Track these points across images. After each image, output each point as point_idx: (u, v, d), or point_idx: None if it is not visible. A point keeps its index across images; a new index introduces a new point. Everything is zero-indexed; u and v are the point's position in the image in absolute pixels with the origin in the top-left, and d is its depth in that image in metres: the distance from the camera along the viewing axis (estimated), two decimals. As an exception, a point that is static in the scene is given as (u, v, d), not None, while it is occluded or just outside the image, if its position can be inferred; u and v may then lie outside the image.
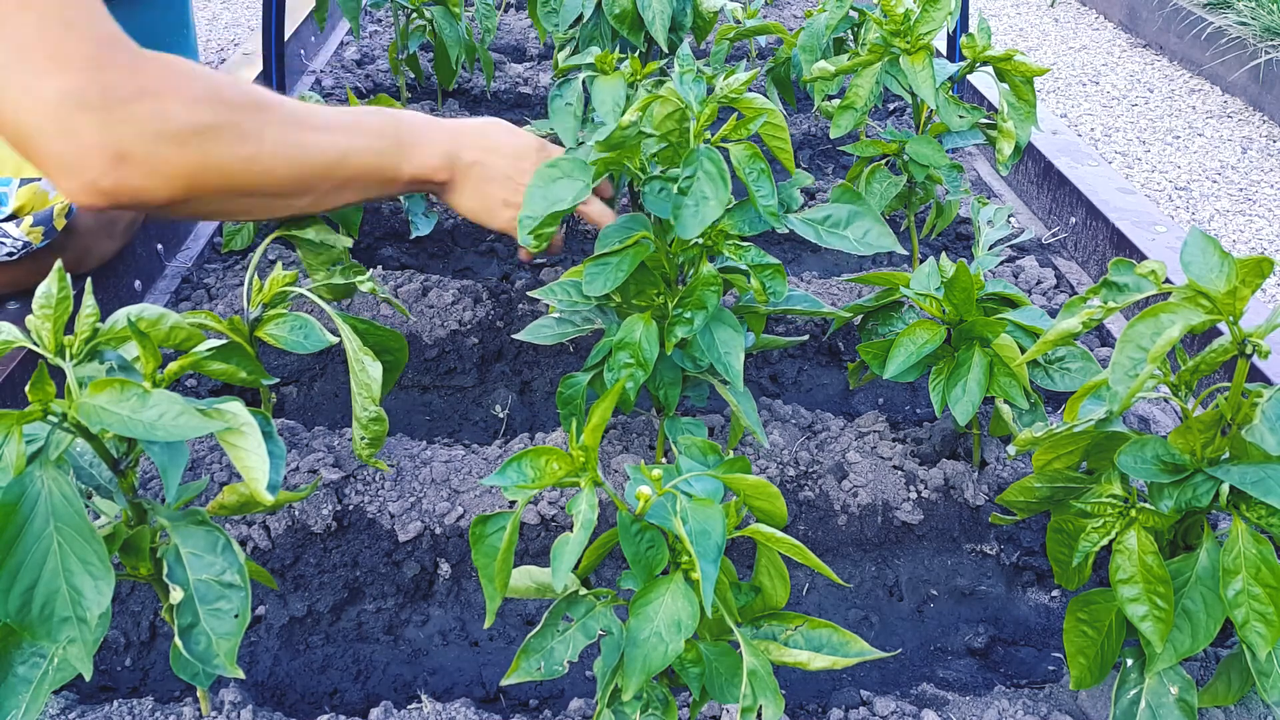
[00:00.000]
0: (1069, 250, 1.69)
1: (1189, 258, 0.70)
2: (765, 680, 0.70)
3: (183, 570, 0.69)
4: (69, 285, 0.69)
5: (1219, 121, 3.14)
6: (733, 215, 0.95)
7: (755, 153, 0.91)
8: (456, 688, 0.99)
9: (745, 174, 0.92)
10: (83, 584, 0.63)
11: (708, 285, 0.93)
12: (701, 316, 0.93)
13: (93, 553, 0.64)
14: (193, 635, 0.68)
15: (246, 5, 3.83)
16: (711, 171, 0.88)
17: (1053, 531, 0.85)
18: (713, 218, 0.87)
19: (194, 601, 0.69)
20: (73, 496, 0.64)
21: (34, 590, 0.62)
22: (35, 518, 0.63)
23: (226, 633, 0.69)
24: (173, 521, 0.71)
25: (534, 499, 1.04)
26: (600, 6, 1.56)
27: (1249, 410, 0.74)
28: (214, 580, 0.69)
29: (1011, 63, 1.21)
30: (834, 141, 1.99)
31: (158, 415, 0.64)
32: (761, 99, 0.93)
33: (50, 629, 0.63)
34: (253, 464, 0.68)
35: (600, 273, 0.93)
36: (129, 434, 0.63)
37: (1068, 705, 0.89)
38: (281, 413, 1.30)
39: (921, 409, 1.38)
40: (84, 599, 0.63)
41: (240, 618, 0.69)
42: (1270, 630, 0.72)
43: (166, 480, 0.67)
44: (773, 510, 0.73)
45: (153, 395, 0.64)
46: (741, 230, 0.94)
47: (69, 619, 0.63)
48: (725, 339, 0.95)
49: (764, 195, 0.92)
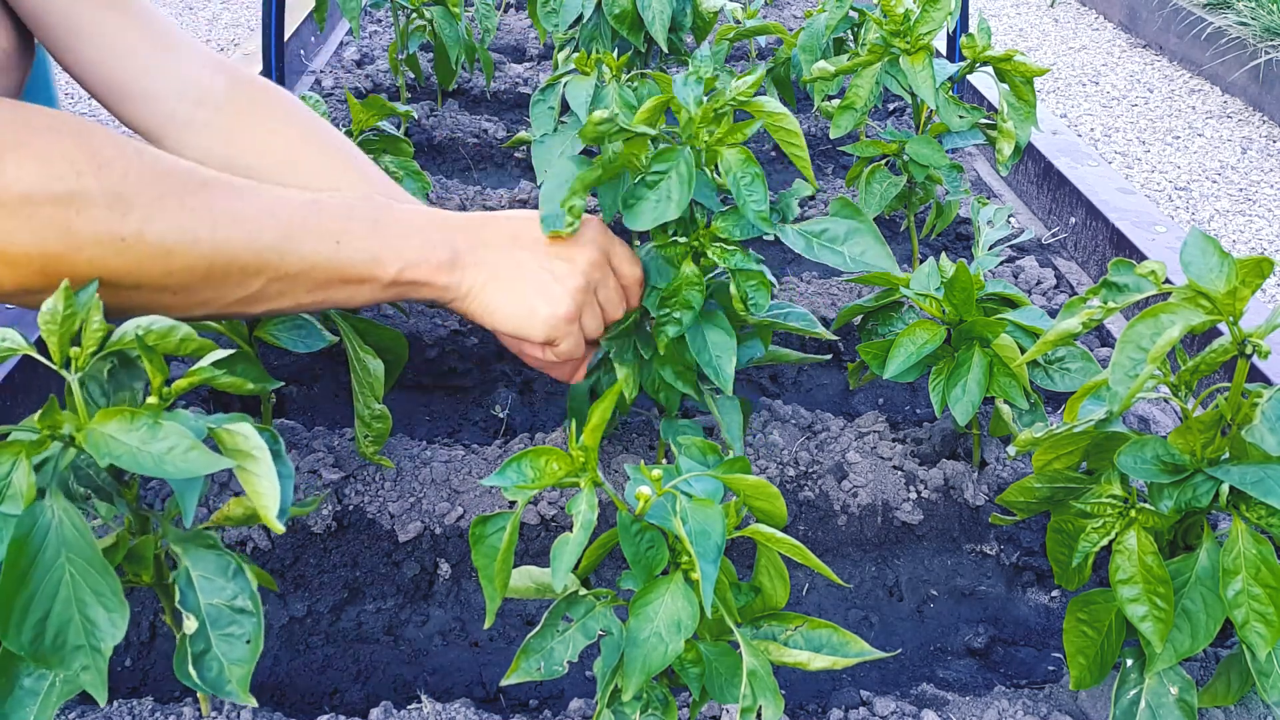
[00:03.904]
0: (1069, 250, 1.69)
1: (1189, 258, 0.70)
2: (765, 680, 0.70)
3: (194, 595, 0.68)
4: (75, 302, 0.68)
5: (1219, 121, 3.14)
6: (725, 218, 0.94)
7: (749, 157, 0.90)
8: (456, 688, 0.99)
9: (737, 179, 0.90)
10: (96, 615, 0.62)
11: (691, 285, 0.92)
12: (689, 315, 0.92)
13: (105, 584, 0.63)
14: (204, 661, 0.67)
15: (246, 5, 3.83)
16: (684, 174, 0.87)
17: (1053, 531, 0.85)
18: (668, 217, 0.86)
19: (205, 627, 0.68)
20: (84, 528, 0.63)
21: (46, 621, 0.62)
22: (46, 549, 0.62)
23: (239, 659, 0.67)
24: (184, 545, 0.70)
25: (534, 499, 1.04)
26: (600, 6, 1.56)
27: (1249, 410, 0.74)
28: (225, 605, 0.68)
29: (1011, 63, 1.21)
30: (834, 142, 1.99)
31: (166, 449, 0.62)
32: (772, 102, 0.91)
33: (63, 658, 0.62)
34: (264, 490, 0.66)
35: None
36: (138, 469, 0.62)
37: (1068, 705, 0.89)
38: (281, 413, 1.30)
39: (921, 409, 1.38)
40: (98, 630, 0.62)
41: (253, 644, 0.68)
42: (1270, 630, 0.72)
43: (184, 506, 0.65)
44: (772, 510, 0.73)
45: (164, 426, 0.63)
46: (733, 234, 0.93)
47: (82, 647, 0.62)
48: (717, 341, 0.94)
49: (755, 201, 0.90)
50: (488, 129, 2.01)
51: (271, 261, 0.79)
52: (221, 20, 3.67)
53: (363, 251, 0.84)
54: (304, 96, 1.38)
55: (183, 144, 1.03)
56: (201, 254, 0.76)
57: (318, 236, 0.82)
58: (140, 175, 0.73)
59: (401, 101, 2.04)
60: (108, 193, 0.71)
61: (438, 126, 1.99)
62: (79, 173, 0.70)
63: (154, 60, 1.01)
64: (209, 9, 3.78)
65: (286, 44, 2.23)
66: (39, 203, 0.68)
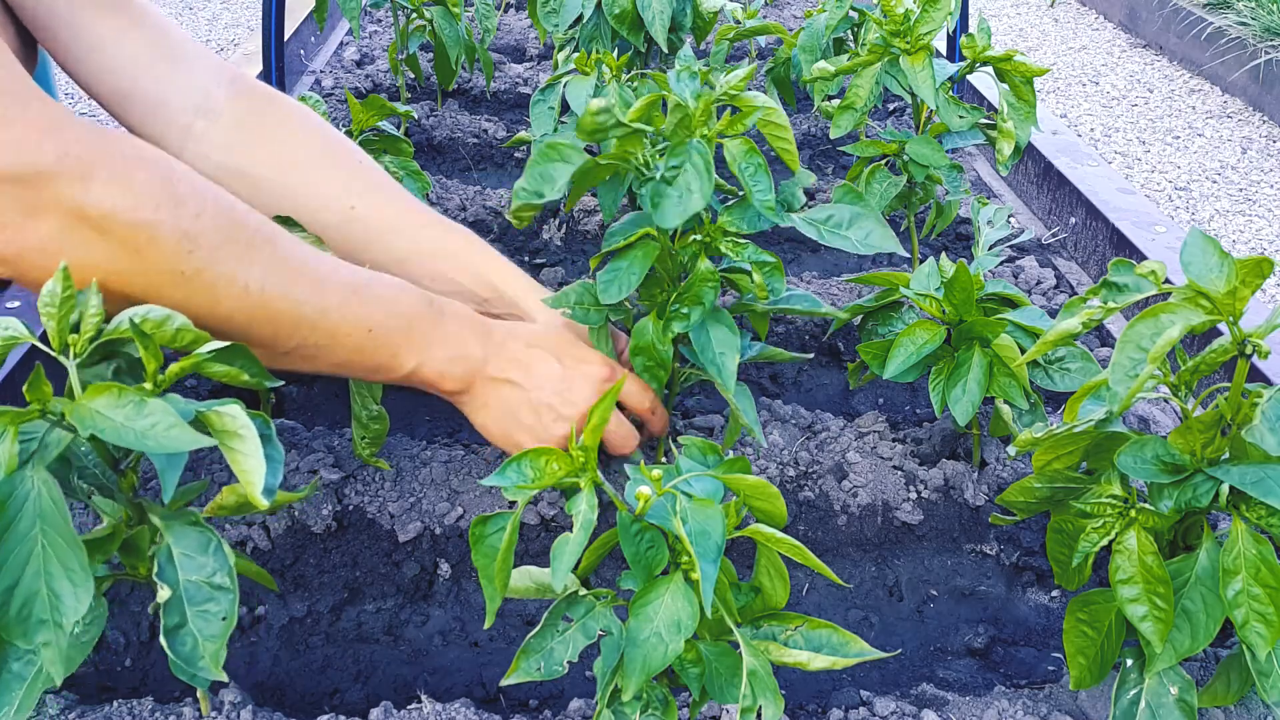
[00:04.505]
0: (1069, 250, 1.69)
1: (1189, 258, 0.70)
2: (765, 680, 0.70)
3: (173, 570, 0.69)
4: (73, 284, 0.69)
5: (1219, 121, 3.14)
6: (731, 212, 0.94)
7: (752, 148, 0.90)
8: (456, 688, 0.99)
9: (741, 170, 0.90)
10: (62, 589, 0.63)
11: (705, 281, 0.92)
12: (698, 312, 0.92)
13: (75, 559, 0.63)
14: (179, 636, 0.68)
15: (246, 5, 3.83)
16: (699, 165, 0.87)
17: (1053, 532, 0.85)
18: (695, 209, 0.86)
19: (182, 602, 0.68)
20: (60, 500, 0.64)
21: (14, 591, 0.62)
22: (22, 518, 0.63)
23: (213, 635, 0.68)
24: (166, 521, 0.71)
25: (534, 499, 1.04)
26: (600, 6, 1.56)
27: (1249, 410, 0.74)
28: (204, 581, 0.69)
29: (1011, 63, 1.21)
30: (834, 142, 1.99)
31: (150, 425, 0.63)
32: (761, 96, 0.92)
33: (26, 630, 0.63)
34: (249, 467, 0.67)
35: (614, 279, 0.92)
36: (120, 442, 0.63)
37: (1068, 705, 0.89)
38: (281, 413, 1.30)
39: (921, 409, 1.38)
40: (62, 604, 0.63)
41: (227, 621, 0.69)
42: (1270, 630, 0.72)
43: (164, 482, 0.67)
44: (773, 510, 0.74)
45: (149, 403, 0.64)
46: (740, 228, 0.94)
47: (46, 622, 0.63)
48: (721, 339, 0.94)
49: (761, 191, 0.91)
50: (488, 129, 2.01)
51: (304, 330, 0.85)
52: (221, 20, 3.67)
53: (387, 347, 0.91)
54: (304, 97, 1.38)
55: (190, 153, 1.03)
56: (244, 305, 0.81)
57: (353, 321, 0.88)
58: (211, 219, 0.79)
59: (401, 101, 2.04)
60: (177, 229, 0.76)
61: (438, 126, 1.99)
62: (157, 205, 0.76)
63: (163, 70, 1.01)
64: (209, 9, 3.78)
65: (286, 44, 2.23)
66: (117, 226, 0.74)
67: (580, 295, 0.97)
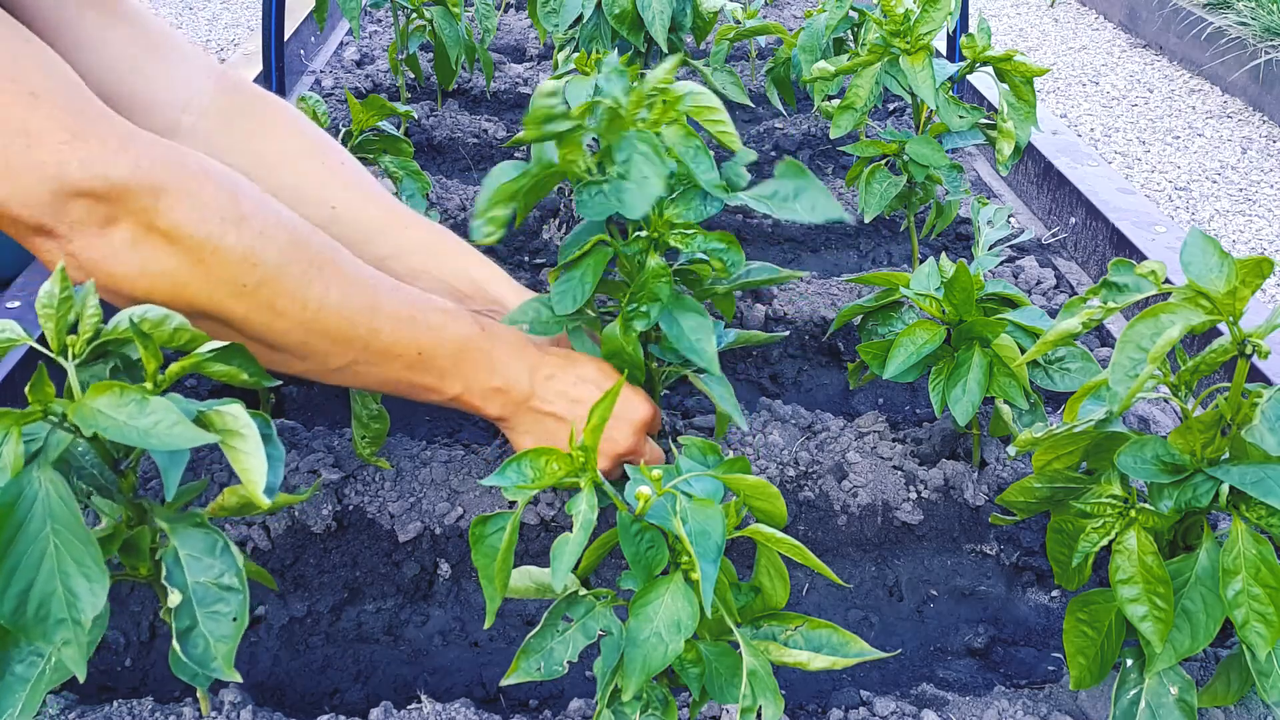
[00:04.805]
0: (1069, 250, 1.69)
1: (1189, 258, 0.70)
2: (765, 680, 0.70)
3: (181, 573, 0.69)
4: (71, 285, 0.69)
5: (1219, 122, 3.14)
6: (677, 203, 0.93)
7: (689, 131, 0.89)
8: (456, 688, 0.99)
9: (682, 154, 0.89)
10: (78, 586, 0.63)
11: (657, 278, 0.92)
12: (656, 308, 0.92)
13: (88, 555, 0.64)
14: (190, 638, 0.68)
15: (246, 5, 3.83)
16: (647, 151, 0.85)
17: (1053, 532, 0.85)
18: (657, 193, 0.85)
19: (192, 604, 0.69)
20: (69, 498, 0.64)
21: (29, 592, 0.62)
22: (32, 519, 0.63)
23: (224, 636, 0.68)
24: (171, 523, 0.71)
25: (534, 499, 1.04)
26: (600, 6, 1.56)
27: (1249, 410, 0.74)
28: (212, 583, 0.69)
29: (1011, 63, 1.21)
30: (834, 142, 1.99)
31: (153, 423, 0.64)
32: (688, 84, 0.90)
33: (45, 630, 0.63)
34: (251, 466, 0.67)
35: (568, 288, 0.91)
36: (123, 440, 0.63)
37: (1068, 705, 0.89)
38: (281, 412, 1.30)
39: (921, 409, 1.38)
40: (79, 601, 0.63)
41: (238, 621, 0.69)
42: (1270, 630, 0.72)
43: (166, 480, 0.67)
44: (772, 510, 0.74)
45: (151, 402, 0.64)
46: (688, 218, 0.93)
47: (64, 621, 0.63)
48: (693, 325, 0.94)
49: (704, 170, 0.89)
50: (488, 129, 2.01)
51: (357, 348, 0.88)
52: (221, 20, 3.67)
53: (434, 371, 0.93)
54: (304, 97, 1.38)
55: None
56: (301, 321, 0.84)
57: (405, 343, 0.90)
58: (274, 236, 0.82)
59: (401, 101, 2.04)
60: (241, 244, 0.79)
61: (438, 126, 1.99)
62: (223, 219, 0.78)
63: (151, 68, 1.01)
64: (209, 9, 3.78)
65: (286, 44, 2.23)
66: (184, 237, 0.77)
67: (537, 311, 0.96)
